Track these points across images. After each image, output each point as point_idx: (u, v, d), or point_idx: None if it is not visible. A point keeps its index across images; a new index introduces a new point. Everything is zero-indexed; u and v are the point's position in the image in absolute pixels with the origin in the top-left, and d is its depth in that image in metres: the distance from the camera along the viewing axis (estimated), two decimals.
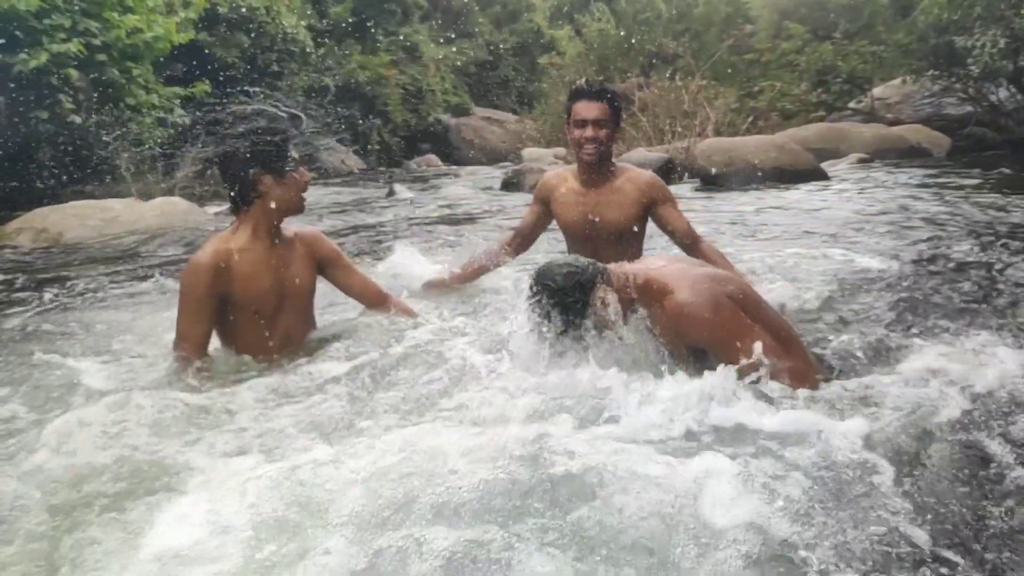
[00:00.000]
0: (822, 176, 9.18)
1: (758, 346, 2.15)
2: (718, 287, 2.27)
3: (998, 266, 3.84)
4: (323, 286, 3.01)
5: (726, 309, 2.22)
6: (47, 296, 4.40)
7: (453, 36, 26.82)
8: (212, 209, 8.52)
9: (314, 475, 1.74)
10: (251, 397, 2.41)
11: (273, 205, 2.63)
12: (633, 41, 19.44)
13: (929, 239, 4.74)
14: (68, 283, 4.78)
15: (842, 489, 1.63)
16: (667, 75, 15.38)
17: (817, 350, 2.52)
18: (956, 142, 12.60)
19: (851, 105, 15.42)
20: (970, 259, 4.06)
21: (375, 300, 3.01)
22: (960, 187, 7.51)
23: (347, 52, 21.04)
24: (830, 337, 2.75)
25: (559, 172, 3.74)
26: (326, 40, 20.20)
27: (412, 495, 1.63)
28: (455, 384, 2.41)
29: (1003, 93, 13.19)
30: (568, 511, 1.52)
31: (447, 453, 1.79)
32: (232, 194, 2.66)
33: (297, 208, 2.70)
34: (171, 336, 2.69)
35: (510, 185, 10.55)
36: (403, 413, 2.22)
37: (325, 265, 2.90)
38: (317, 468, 1.79)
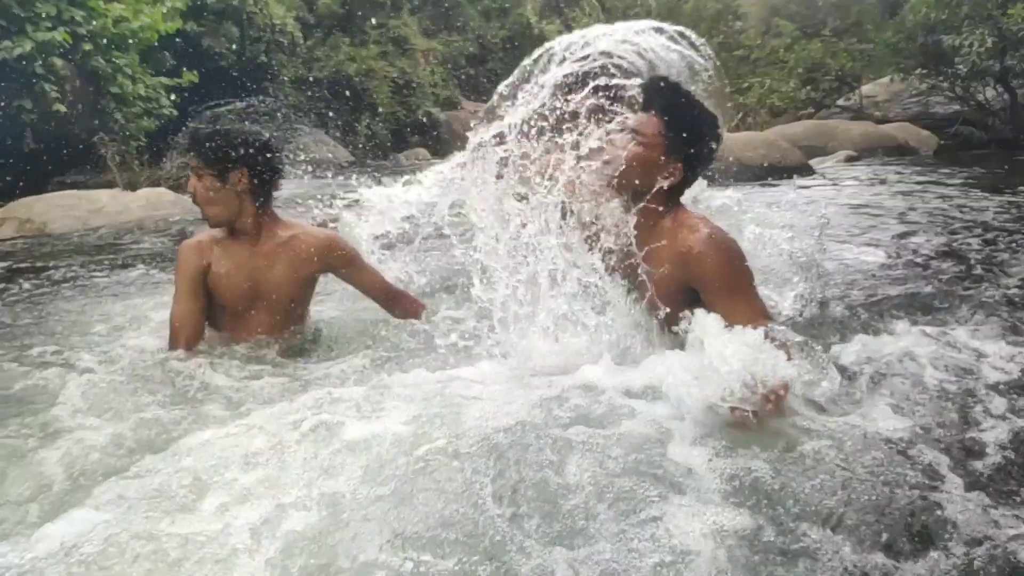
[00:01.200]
0: (809, 173, 9.23)
1: (751, 305, 2.11)
2: (734, 242, 2.22)
3: (972, 260, 3.88)
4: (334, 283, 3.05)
5: (738, 259, 2.16)
6: (30, 286, 4.36)
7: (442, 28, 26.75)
8: None
9: (348, 431, 1.81)
10: (242, 375, 2.45)
11: None
12: None
13: (909, 234, 4.77)
14: (53, 274, 4.74)
15: (816, 460, 1.68)
16: None
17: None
18: (943, 141, 12.69)
19: (839, 102, 15.51)
20: (948, 253, 4.10)
21: (389, 300, 3.00)
22: (944, 185, 7.56)
23: (336, 44, 20.94)
24: (800, 320, 2.78)
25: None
26: (315, 32, 20.10)
27: (447, 433, 1.75)
28: (467, 360, 2.40)
29: (990, 92, 13.30)
30: (595, 433, 1.77)
31: (474, 403, 1.92)
32: None
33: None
34: (158, 322, 2.74)
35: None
36: (416, 387, 2.21)
37: (335, 268, 2.89)
38: (339, 426, 1.84)
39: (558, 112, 2.31)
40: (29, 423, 2.11)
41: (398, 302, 3.00)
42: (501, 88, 2.36)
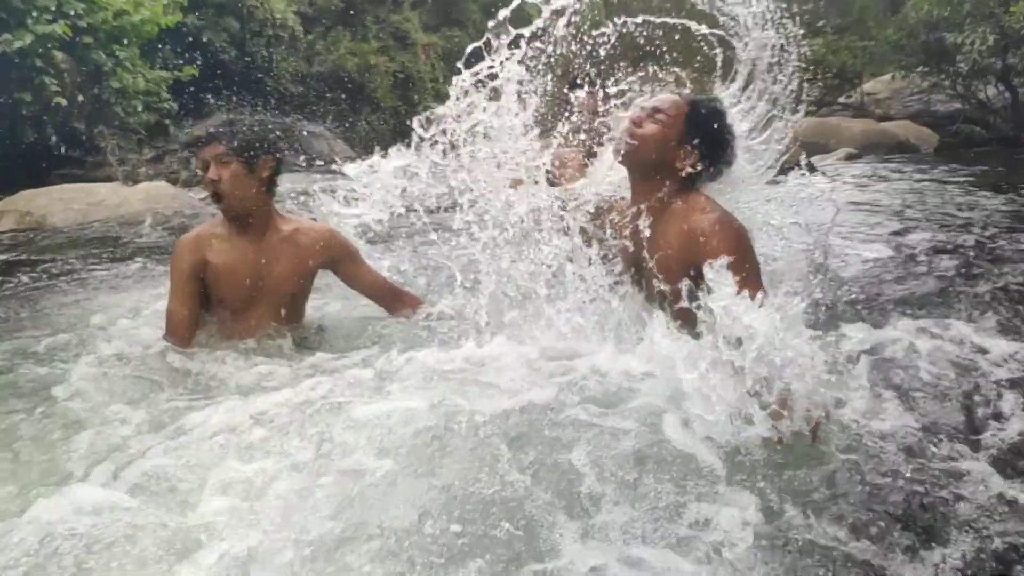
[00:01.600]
0: (810, 170, 9.21)
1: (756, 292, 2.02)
2: (743, 228, 2.19)
3: (971, 257, 3.89)
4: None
5: (746, 243, 2.12)
6: (29, 279, 4.35)
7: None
8: (199, 194, 8.44)
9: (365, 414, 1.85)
10: (248, 365, 2.47)
11: None
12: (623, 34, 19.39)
13: (909, 231, 4.76)
14: (52, 267, 4.73)
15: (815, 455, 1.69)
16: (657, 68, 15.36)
17: None
18: (944, 139, 12.66)
19: (841, 100, 15.47)
20: (947, 249, 4.10)
21: (388, 298, 2.97)
22: (945, 183, 7.55)
23: (337, 39, 20.87)
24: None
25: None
26: (316, 26, 20.03)
27: (461, 411, 1.82)
28: (474, 350, 2.40)
29: (991, 91, 13.26)
30: (602, 413, 1.85)
31: (484, 384, 2.00)
32: None
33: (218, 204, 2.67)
34: (153, 312, 2.73)
35: None
36: (426, 369, 2.22)
37: (333, 263, 2.86)
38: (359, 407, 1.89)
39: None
40: (48, 414, 2.13)
41: (397, 299, 2.96)
42: (502, 14, 2.32)
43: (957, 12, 12.51)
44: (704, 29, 2.58)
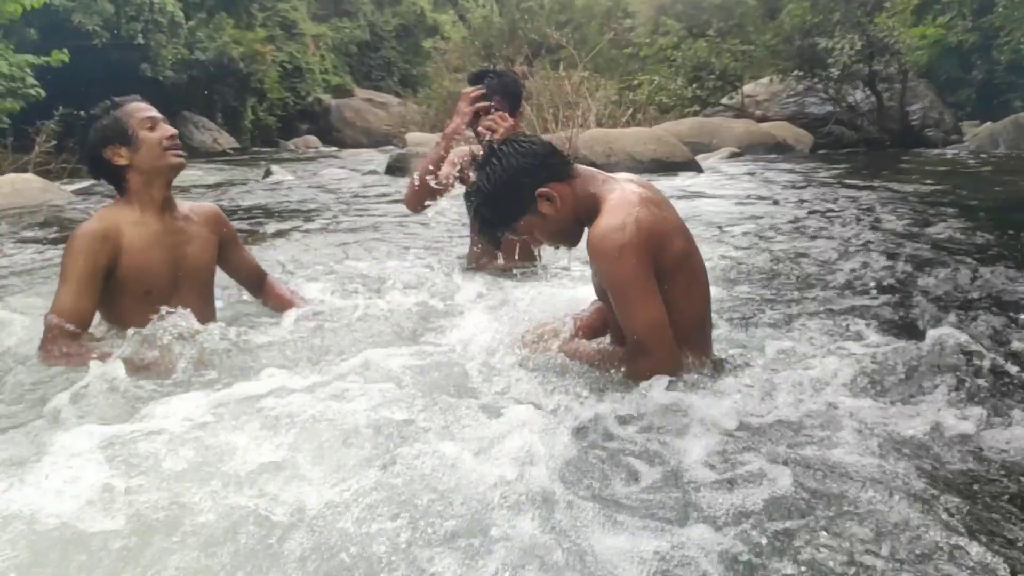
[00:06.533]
0: (696, 168, 9.56)
1: (651, 318, 1.95)
2: (631, 233, 1.93)
3: (849, 257, 4.12)
4: None
5: (633, 257, 1.92)
6: None
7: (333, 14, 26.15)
8: (70, 187, 7.94)
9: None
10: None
11: (141, 171, 2.46)
12: (517, 29, 19.58)
13: (786, 232, 5.01)
14: None
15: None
16: (550, 66, 15.57)
17: None
18: (818, 139, 13.43)
19: (723, 101, 16.12)
20: (804, 251, 4.33)
21: (258, 283, 2.88)
22: (818, 180, 8.00)
23: (220, 26, 20.08)
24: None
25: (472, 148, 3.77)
26: (198, 12, 19.22)
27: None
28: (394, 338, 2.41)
29: (859, 95, 14.16)
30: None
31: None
32: (111, 183, 2.52)
33: (167, 166, 2.50)
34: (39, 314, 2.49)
35: (395, 170, 10.41)
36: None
37: (223, 241, 2.73)
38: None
39: None
40: None
41: (272, 289, 2.89)
42: None
43: (828, 19, 13.30)
44: None
